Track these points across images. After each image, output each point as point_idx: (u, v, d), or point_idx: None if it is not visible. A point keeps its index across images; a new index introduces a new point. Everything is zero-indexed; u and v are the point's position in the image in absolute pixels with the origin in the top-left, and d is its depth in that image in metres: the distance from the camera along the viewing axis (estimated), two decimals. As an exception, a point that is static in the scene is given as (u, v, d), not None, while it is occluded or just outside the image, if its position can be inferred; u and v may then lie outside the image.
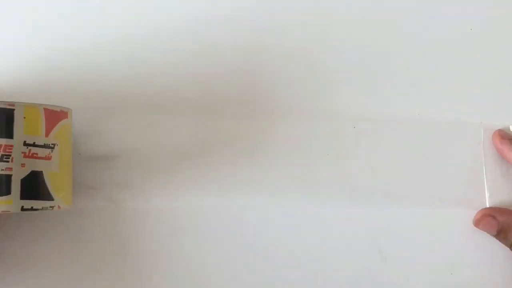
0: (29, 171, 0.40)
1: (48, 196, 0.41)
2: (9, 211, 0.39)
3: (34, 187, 0.40)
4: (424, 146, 0.51)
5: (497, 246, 0.50)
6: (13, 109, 0.39)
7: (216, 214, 0.50)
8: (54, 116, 0.42)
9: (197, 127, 0.50)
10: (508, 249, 0.49)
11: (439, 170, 0.51)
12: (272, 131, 0.51)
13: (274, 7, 0.52)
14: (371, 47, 0.52)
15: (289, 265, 0.50)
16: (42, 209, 0.40)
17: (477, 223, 0.50)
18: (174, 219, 0.49)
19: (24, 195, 0.39)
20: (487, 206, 0.51)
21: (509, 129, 0.52)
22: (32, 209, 0.40)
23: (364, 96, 0.52)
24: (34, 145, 0.40)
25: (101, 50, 0.50)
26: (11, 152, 0.39)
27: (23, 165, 0.39)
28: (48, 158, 0.41)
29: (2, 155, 0.39)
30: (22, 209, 0.39)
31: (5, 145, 0.39)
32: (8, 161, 0.39)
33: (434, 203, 0.51)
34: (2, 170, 0.39)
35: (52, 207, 0.41)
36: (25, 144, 0.40)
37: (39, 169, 0.40)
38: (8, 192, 0.39)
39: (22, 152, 0.39)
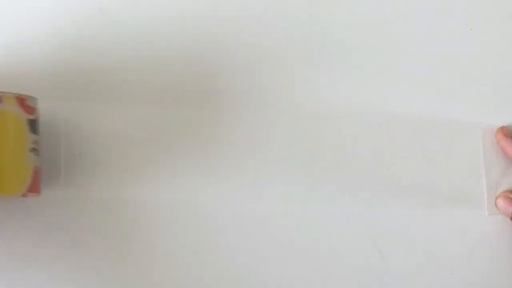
0: None
1: None
2: None
3: None
4: (424, 146, 0.52)
5: (497, 246, 0.50)
6: None
7: (209, 211, 0.50)
8: None
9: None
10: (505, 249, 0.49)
11: (438, 170, 0.51)
12: (264, 126, 0.51)
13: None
14: (370, 47, 0.52)
15: (288, 265, 0.50)
16: None
17: (496, 198, 0.51)
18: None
19: None
20: (486, 206, 0.51)
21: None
22: None
23: (364, 95, 0.52)
24: None
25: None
26: None
27: None
28: None
29: None
30: None
31: None
32: None
33: (434, 203, 0.51)
34: None
35: None
36: None
37: None
38: None
39: None
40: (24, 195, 0.42)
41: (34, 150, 0.43)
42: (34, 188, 0.43)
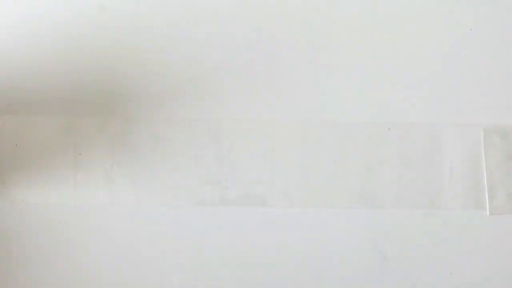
0: None
1: None
2: None
3: None
4: (425, 146, 0.51)
5: (496, 246, 0.50)
6: None
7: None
8: None
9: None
10: (505, 249, 0.49)
11: (439, 170, 0.51)
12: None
13: None
14: (369, 48, 0.52)
15: (289, 264, 0.50)
16: None
17: None
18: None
19: None
20: (487, 206, 0.51)
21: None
22: None
23: (365, 98, 0.52)
24: None
25: None
26: None
27: None
28: None
29: None
30: None
31: None
32: None
33: (434, 203, 0.51)
34: None
35: None
36: None
37: None
38: None
39: None
40: None
41: None
42: None
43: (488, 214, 0.51)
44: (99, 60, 0.51)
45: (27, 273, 0.50)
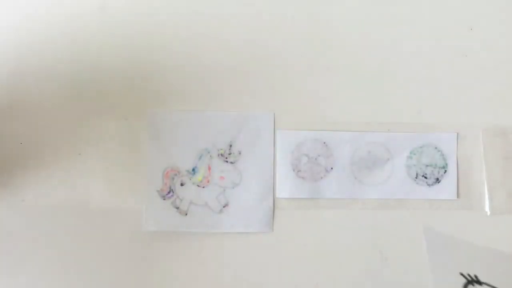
0: None
1: None
2: None
3: None
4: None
5: (496, 246, 0.50)
6: None
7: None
8: None
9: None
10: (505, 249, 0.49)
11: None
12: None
13: None
14: (370, 48, 0.52)
15: (289, 264, 0.50)
16: None
17: None
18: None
19: None
20: (487, 205, 0.51)
21: None
22: None
23: (364, 98, 0.52)
24: None
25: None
26: None
27: None
28: None
29: None
30: None
31: None
32: None
33: (434, 203, 0.51)
34: None
35: None
36: None
37: None
38: None
39: None
40: None
41: None
42: None
43: (488, 214, 0.51)
44: (98, 60, 0.51)
45: (26, 273, 0.50)
